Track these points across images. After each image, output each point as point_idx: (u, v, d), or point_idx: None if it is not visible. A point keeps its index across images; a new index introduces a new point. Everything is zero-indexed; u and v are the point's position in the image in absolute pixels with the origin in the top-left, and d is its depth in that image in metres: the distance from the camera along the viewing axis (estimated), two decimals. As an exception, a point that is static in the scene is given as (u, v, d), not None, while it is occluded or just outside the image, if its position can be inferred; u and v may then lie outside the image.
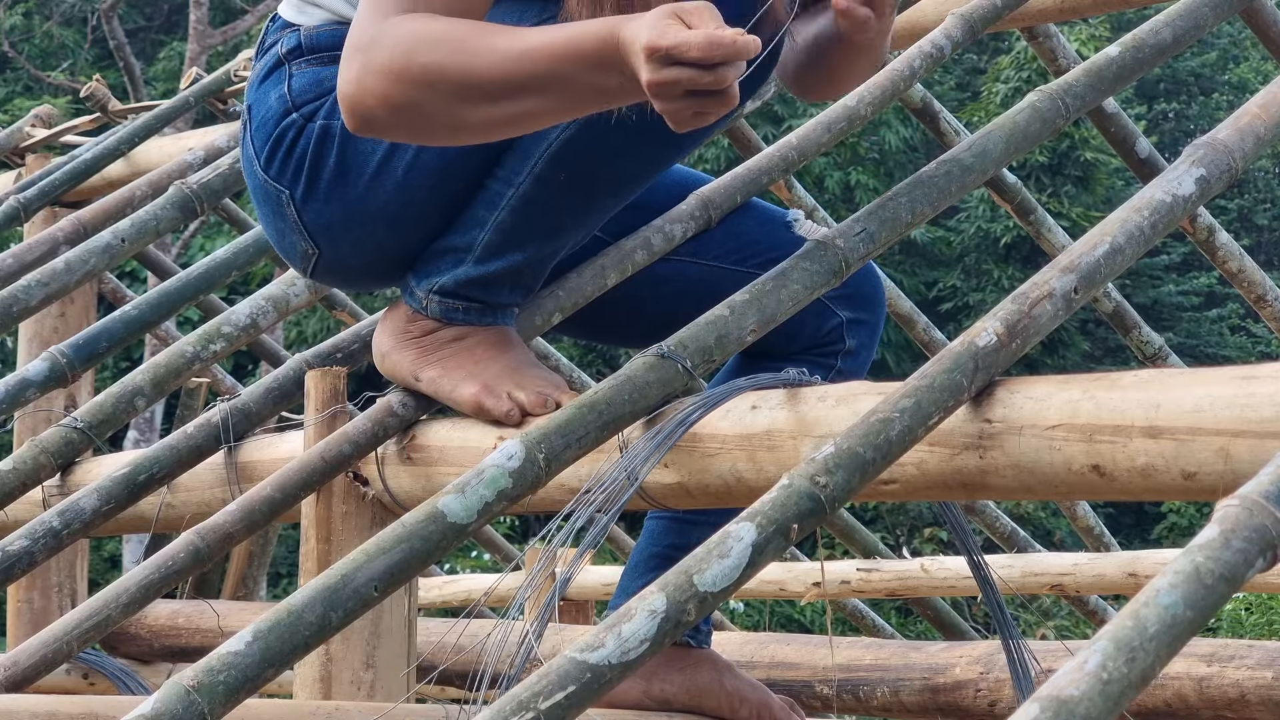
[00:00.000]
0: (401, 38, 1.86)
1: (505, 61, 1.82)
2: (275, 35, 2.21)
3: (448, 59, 1.83)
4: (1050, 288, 1.70)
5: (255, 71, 2.21)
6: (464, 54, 1.83)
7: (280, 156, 2.15)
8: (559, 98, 1.84)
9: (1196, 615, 1.10)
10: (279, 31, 2.21)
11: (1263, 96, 2.04)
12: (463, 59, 1.83)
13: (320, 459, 2.17)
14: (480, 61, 1.82)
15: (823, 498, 1.52)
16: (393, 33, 1.87)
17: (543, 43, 1.81)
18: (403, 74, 1.86)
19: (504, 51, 1.81)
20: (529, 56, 1.80)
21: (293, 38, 2.18)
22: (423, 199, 2.12)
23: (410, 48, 1.85)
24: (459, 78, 1.84)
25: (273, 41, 2.21)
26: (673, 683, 2.30)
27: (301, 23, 2.19)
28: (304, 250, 2.19)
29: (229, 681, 1.52)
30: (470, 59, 1.82)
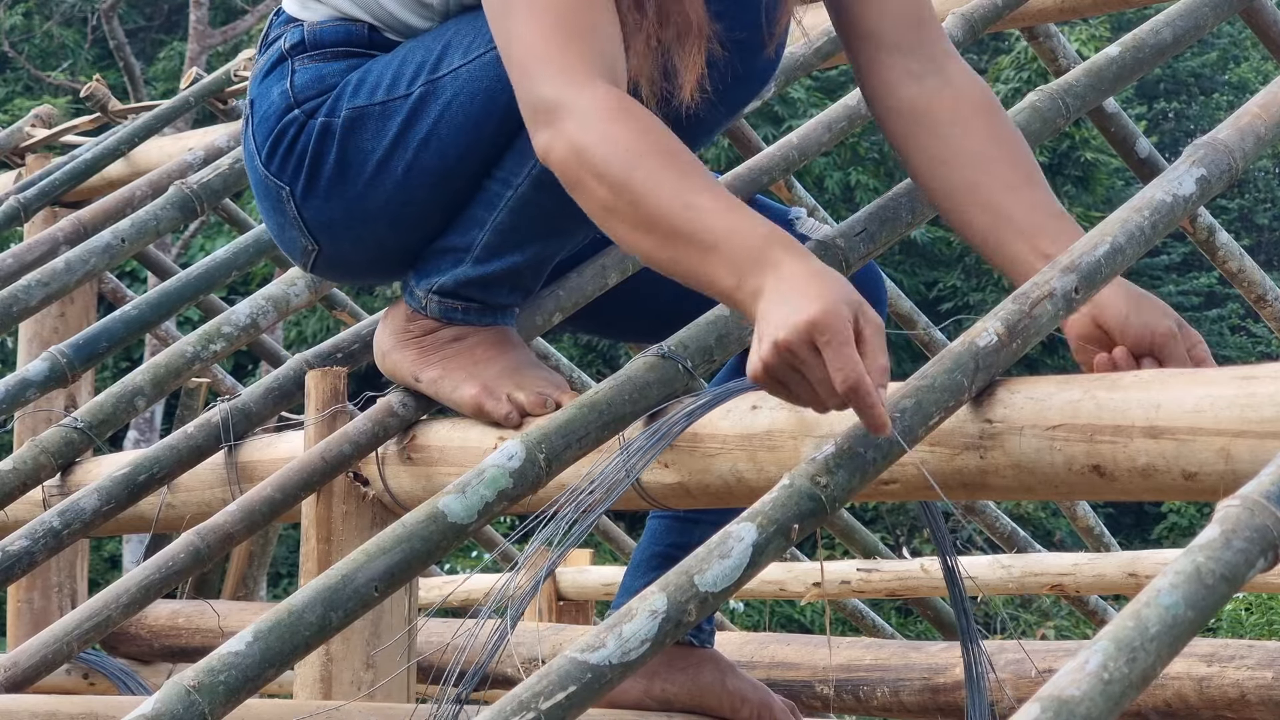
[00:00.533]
0: (610, 140, 1.77)
1: (671, 209, 1.73)
2: (279, 30, 2.21)
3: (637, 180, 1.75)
4: (1051, 288, 1.70)
5: (258, 66, 2.21)
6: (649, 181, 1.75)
7: (281, 152, 2.15)
8: (688, 263, 1.73)
9: (1197, 615, 1.10)
10: (283, 26, 2.21)
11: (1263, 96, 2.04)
12: (647, 186, 1.74)
13: (321, 459, 2.17)
14: (657, 197, 1.74)
15: (823, 498, 1.52)
16: (600, 125, 1.78)
17: (710, 208, 1.72)
18: (603, 174, 1.77)
19: (672, 195, 1.73)
20: (692, 210, 1.72)
21: (296, 33, 2.18)
22: (422, 199, 2.12)
23: (615, 157, 1.76)
24: (634, 201, 1.75)
25: (276, 36, 2.21)
26: (674, 682, 2.30)
27: (305, 18, 2.19)
28: (304, 246, 2.20)
29: (229, 682, 1.52)
30: (652, 188, 1.74)
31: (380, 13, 2.16)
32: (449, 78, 2.07)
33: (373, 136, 2.10)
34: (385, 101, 2.09)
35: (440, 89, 2.07)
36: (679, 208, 1.72)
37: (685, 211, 1.72)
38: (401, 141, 2.09)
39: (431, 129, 2.08)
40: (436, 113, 2.07)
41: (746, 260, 1.67)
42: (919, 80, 2.05)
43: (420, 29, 2.15)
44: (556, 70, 1.83)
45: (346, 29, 2.17)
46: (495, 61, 2.03)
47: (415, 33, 2.15)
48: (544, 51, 1.85)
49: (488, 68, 2.05)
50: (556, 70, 1.83)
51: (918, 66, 2.05)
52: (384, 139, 2.09)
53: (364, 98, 2.11)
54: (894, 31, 2.06)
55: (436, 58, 2.08)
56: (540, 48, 1.85)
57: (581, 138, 1.78)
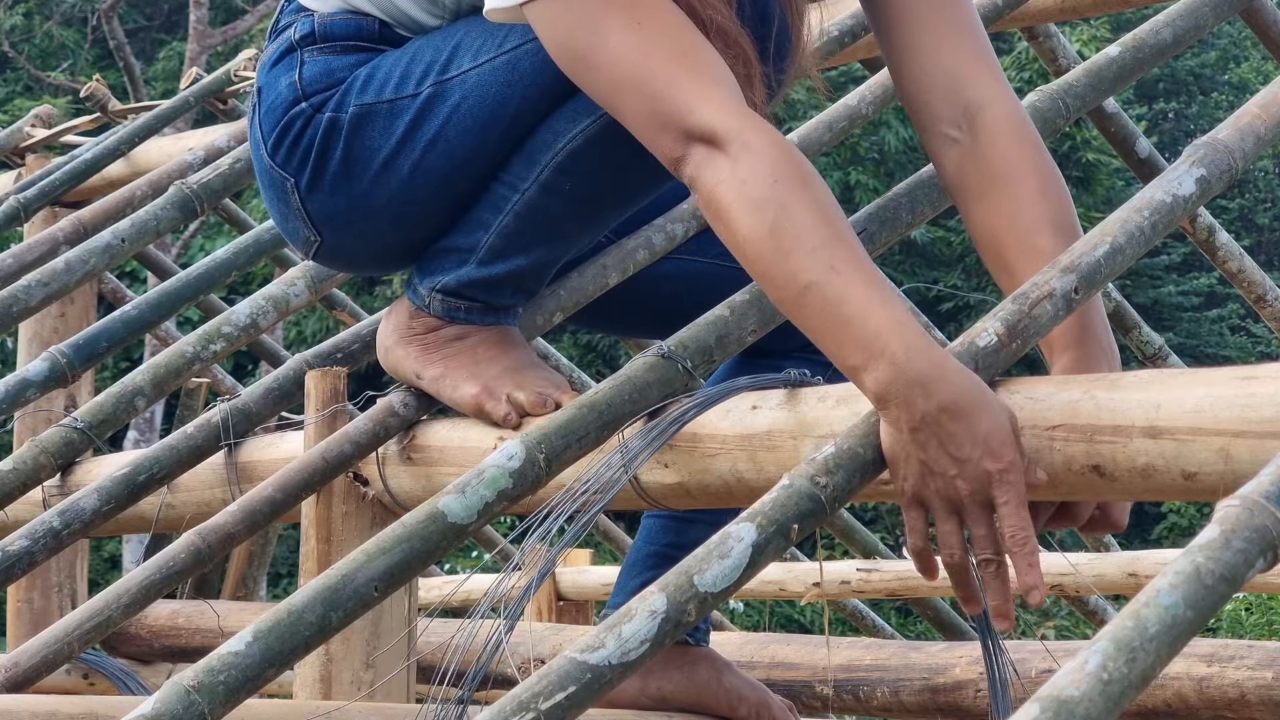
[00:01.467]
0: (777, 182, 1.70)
1: (816, 255, 1.66)
2: (289, 18, 2.20)
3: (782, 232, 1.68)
4: (1051, 288, 1.70)
5: (267, 53, 2.21)
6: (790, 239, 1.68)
7: (287, 144, 2.15)
8: (820, 323, 1.66)
9: (1197, 615, 1.10)
10: (293, 15, 2.20)
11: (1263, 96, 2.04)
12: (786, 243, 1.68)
13: (321, 459, 2.17)
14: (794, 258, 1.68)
15: (823, 498, 1.52)
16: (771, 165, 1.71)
17: (856, 269, 1.65)
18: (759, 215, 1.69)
19: (827, 241, 1.66)
20: (832, 270, 1.65)
21: (306, 23, 2.17)
22: (426, 198, 2.12)
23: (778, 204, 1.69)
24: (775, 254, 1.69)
25: (286, 24, 2.20)
26: (671, 680, 2.30)
27: (316, 9, 2.18)
28: (306, 236, 2.20)
29: (229, 682, 1.52)
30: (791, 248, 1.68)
31: (391, 9, 2.16)
32: (458, 80, 2.06)
33: (379, 134, 2.10)
34: (393, 100, 2.09)
35: (449, 90, 2.07)
36: (823, 263, 1.65)
37: (827, 271, 1.65)
38: (408, 141, 2.09)
39: (439, 130, 2.08)
40: (445, 114, 2.07)
41: (876, 344, 1.60)
42: (955, 145, 1.97)
43: (431, 26, 2.15)
44: (709, 97, 1.76)
45: (357, 23, 2.16)
46: (505, 66, 2.03)
47: (425, 29, 2.15)
48: (686, 79, 1.77)
49: (498, 72, 2.05)
50: (709, 97, 1.76)
51: (954, 131, 1.97)
52: (391, 137, 2.09)
53: (372, 95, 2.10)
54: (932, 101, 1.99)
55: (446, 58, 2.08)
56: (678, 75, 1.77)
57: (754, 174, 1.71)
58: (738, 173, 1.72)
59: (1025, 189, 1.91)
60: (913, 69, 2.00)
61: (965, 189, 1.96)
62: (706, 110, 1.75)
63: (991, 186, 1.93)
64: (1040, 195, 1.91)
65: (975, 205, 1.94)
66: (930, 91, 1.98)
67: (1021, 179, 1.92)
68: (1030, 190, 1.91)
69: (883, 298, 1.63)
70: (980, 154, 1.94)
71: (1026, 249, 1.88)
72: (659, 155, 1.80)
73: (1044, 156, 1.95)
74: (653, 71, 1.78)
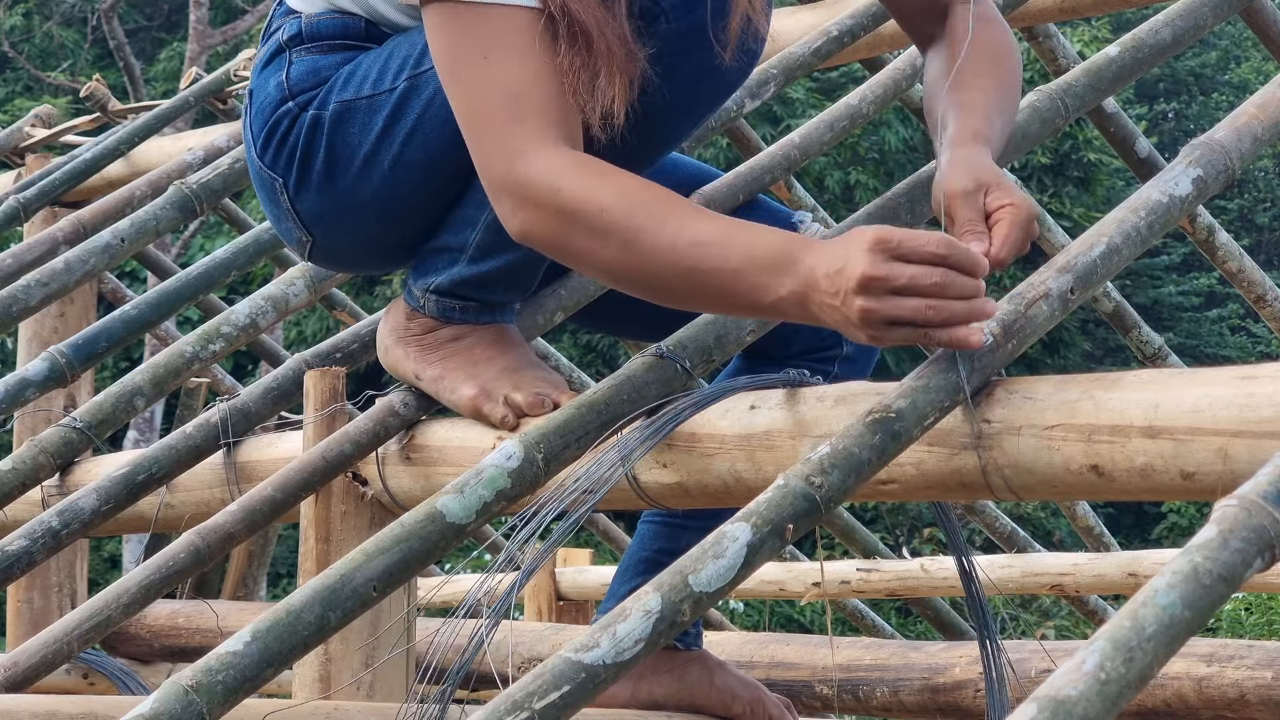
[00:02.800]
0: (594, 202, 1.79)
1: (674, 253, 1.75)
2: (279, 21, 2.22)
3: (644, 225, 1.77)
4: (1046, 288, 1.70)
5: (259, 56, 2.22)
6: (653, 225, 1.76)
7: (275, 144, 2.15)
8: (717, 293, 1.76)
9: (1195, 615, 1.10)
10: (283, 18, 2.21)
11: (1260, 97, 2.04)
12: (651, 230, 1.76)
13: (321, 459, 2.17)
14: (664, 236, 1.75)
15: (818, 498, 1.52)
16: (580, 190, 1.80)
17: (715, 235, 1.74)
18: (601, 233, 1.79)
19: (673, 239, 1.75)
20: (700, 245, 1.74)
21: (294, 25, 2.19)
22: (409, 192, 2.12)
23: (612, 206, 1.78)
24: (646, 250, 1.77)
25: (276, 27, 2.22)
26: (662, 684, 2.30)
27: (304, 10, 2.19)
28: (299, 237, 2.20)
29: (228, 681, 1.52)
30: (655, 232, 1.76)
31: (370, 9, 2.17)
32: (431, 72, 2.07)
33: (359, 130, 2.11)
34: (372, 96, 2.10)
35: (423, 84, 2.08)
36: (684, 246, 1.74)
37: (694, 249, 1.74)
38: (387, 135, 2.09)
39: (415, 123, 2.08)
40: (420, 107, 2.08)
41: (774, 268, 1.70)
42: (931, 37, 2.13)
43: (407, 27, 2.16)
44: (515, 149, 1.86)
45: (343, 22, 2.17)
46: None
47: (404, 30, 2.16)
48: (500, 130, 1.87)
49: None
50: (515, 149, 1.86)
51: (931, 25, 2.13)
52: (370, 133, 2.10)
53: (351, 91, 2.11)
54: (919, 11, 2.15)
55: (420, 52, 2.09)
56: (494, 127, 1.88)
57: (565, 206, 1.81)
58: (562, 212, 1.81)
59: (968, 64, 2.00)
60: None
61: (930, 75, 2.08)
62: (512, 165, 1.85)
63: (946, 64, 2.04)
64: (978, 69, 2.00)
65: (930, 85, 2.05)
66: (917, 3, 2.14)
67: (972, 55, 2.02)
68: (971, 65, 2.01)
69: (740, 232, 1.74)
70: (945, 35, 2.08)
71: (960, 100, 1.95)
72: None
73: (1002, 31, 2.08)
74: (482, 116, 1.89)
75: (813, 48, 3.00)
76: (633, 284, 1.84)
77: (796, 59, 2.97)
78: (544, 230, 1.84)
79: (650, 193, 1.81)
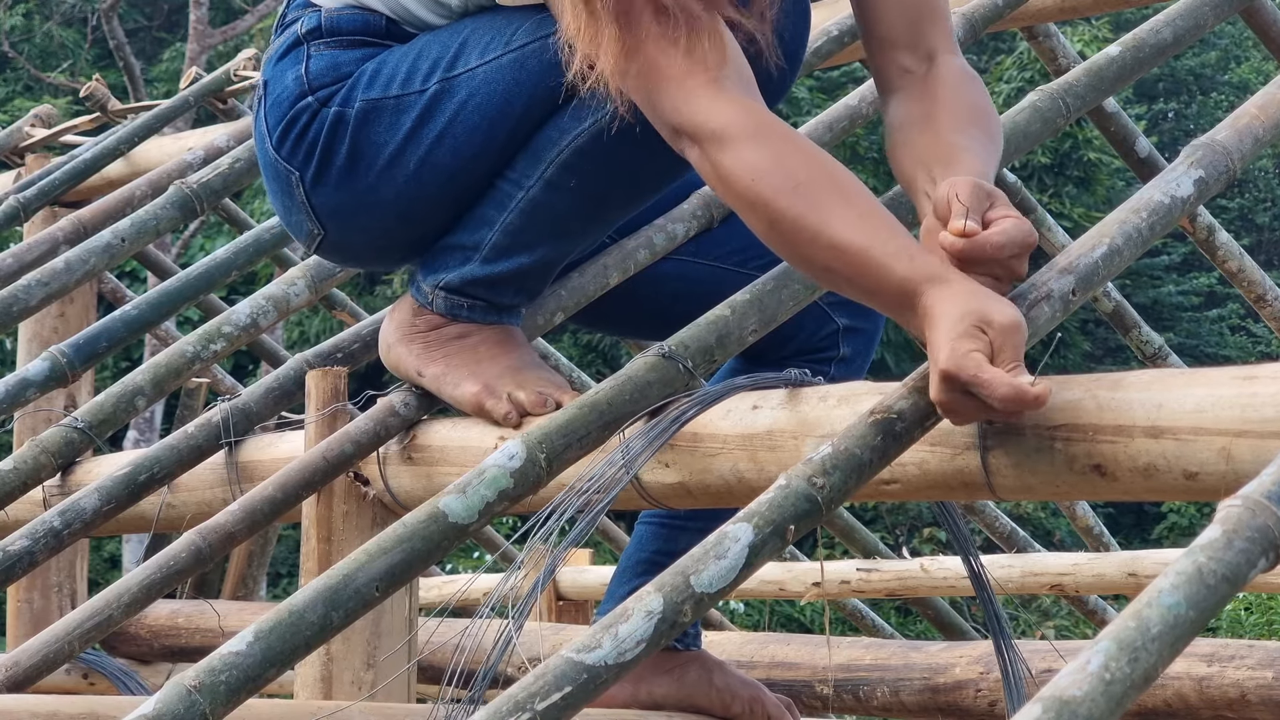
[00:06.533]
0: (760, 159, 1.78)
1: (815, 245, 1.74)
2: (296, 13, 2.20)
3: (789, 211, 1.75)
4: (1048, 289, 1.70)
5: (274, 47, 2.21)
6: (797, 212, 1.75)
7: (293, 138, 2.15)
8: (858, 296, 1.78)
9: (1199, 615, 1.10)
10: (300, 9, 2.20)
11: (1261, 97, 2.04)
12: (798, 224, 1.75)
13: (322, 459, 2.17)
14: (806, 227, 1.75)
15: (820, 498, 1.52)
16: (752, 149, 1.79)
17: (852, 246, 1.72)
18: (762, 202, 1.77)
19: (817, 231, 1.73)
20: (837, 251, 1.73)
21: (313, 18, 2.18)
22: (432, 194, 2.12)
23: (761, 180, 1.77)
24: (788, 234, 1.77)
25: (293, 19, 2.20)
26: (661, 685, 2.31)
27: (323, 3, 2.18)
28: (310, 230, 2.20)
29: (230, 681, 1.52)
30: (800, 225, 1.75)
31: (397, 6, 2.16)
32: (465, 77, 2.06)
33: (386, 130, 2.10)
34: (400, 96, 2.09)
35: (456, 87, 2.07)
36: (824, 244, 1.73)
37: (831, 252, 1.73)
38: (415, 137, 2.09)
39: (446, 127, 2.08)
40: (452, 111, 2.07)
41: (896, 302, 1.69)
42: (909, 74, 2.04)
43: (436, 25, 2.15)
44: (680, 94, 1.83)
45: (364, 18, 2.17)
46: (512, 64, 2.03)
47: (431, 28, 2.15)
48: (677, 70, 1.83)
49: (505, 70, 2.05)
50: (680, 94, 1.83)
51: (911, 63, 2.04)
52: (397, 133, 2.09)
53: (379, 90, 2.10)
54: (893, 30, 2.05)
55: (454, 55, 2.08)
56: (670, 66, 1.84)
57: (725, 170, 1.79)
58: (732, 170, 1.78)
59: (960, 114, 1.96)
60: (879, 12, 2.06)
61: (906, 100, 2.01)
62: (689, 107, 1.82)
63: (936, 87, 1.99)
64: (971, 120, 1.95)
65: (913, 127, 1.97)
66: (893, 30, 2.05)
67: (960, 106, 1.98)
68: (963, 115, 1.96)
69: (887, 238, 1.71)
70: (931, 82, 2.00)
71: (948, 144, 1.90)
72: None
73: (985, 92, 2.02)
74: (656, 66, 1.84)
75: (813, 47, 3.00)
76: (780, 253, 1.83)
77: (797, 59, 2.97)
78: (709, 179, 1.83)
79: (803, 168, 1.77)
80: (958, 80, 1.99)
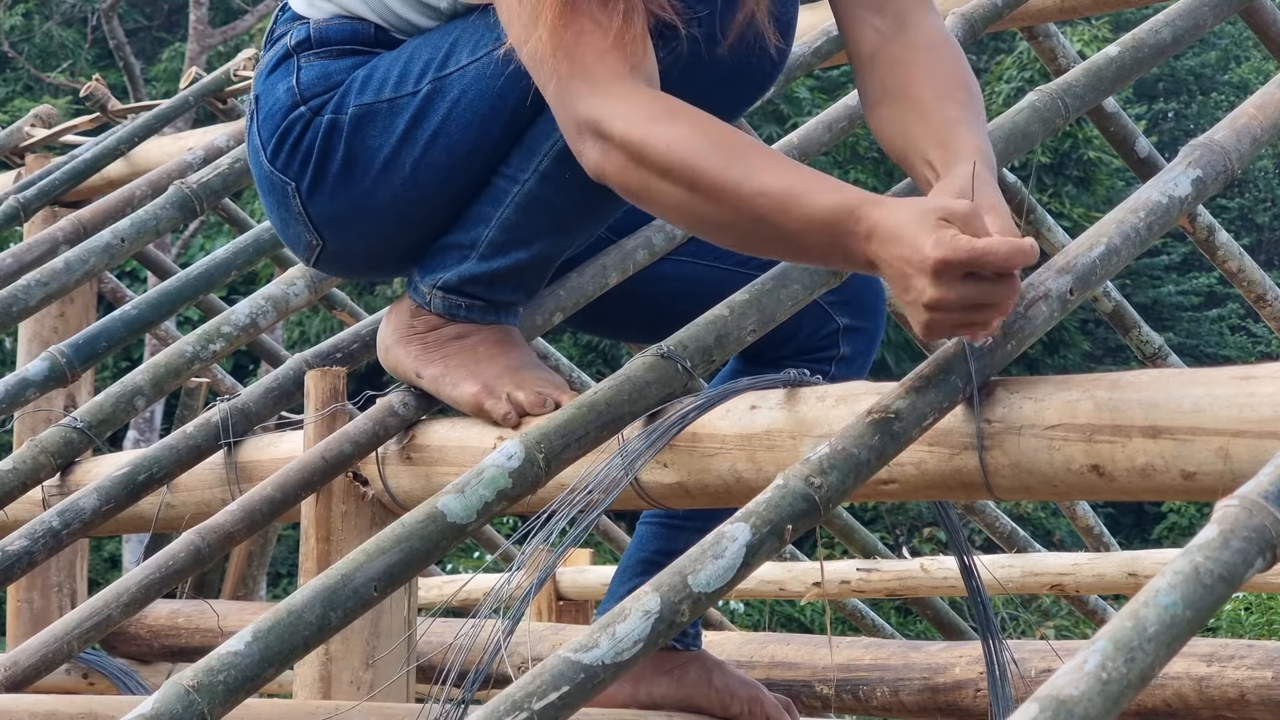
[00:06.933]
0: (666, 140, 1.78)
1: (739, 195, 1.74)
2: (285, 26, 2.21)
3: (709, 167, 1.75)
4: (1046, 288, 1.70)
5: (264, 62, 2.21)
6: (719, 167, 1.75)
7: (287, 148, 2.15)
8: (786, 246, 1.77)
9: (1196, 615, 1.10)
10: (289, 23, 2.21)
11: (1259, 97, 2.04)
12: (720, 177, 1.75)
13: (321, 458, 2.17)
14: (729, 179, 1.74)
15: (817, 498, 1.52)
16: (652, 127, 1.79)
17: (778, 185, 1.72)
18: (668, 173, 1.78)
19: (740, 180, 1.73)
20: (764, 196, 1.72)
21: (302, 30, 2.18)
22: (429, 195, 2.12)
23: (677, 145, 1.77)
24: (711, 192, 1.76)
25: (282, 33, 2.21)
26: (660, 685, 2.31)
27: (311, 16, 2.19)
28: (308, 241, 2.20)
29: (229, 681, 1.52)
30: (722, 178, 1.75)
31: (386, 13, 2.16)
32: (457, 75, 2.07)
33: (380, 133, 2.10)
34: (393, 99, 2.10)
35: (448, 86, 2.07)
36: (749, 193, 1.72)
37: (758, 199, 1.72)
38: (409, 138, 2.09)
39: (440, 126, 2.08)
40: (445, 110, 2.08)
41: (833, 227, 1.68)
42: (881, 34, 2.02)
43: (427, 29, 2.15)
44: (592, 84, 1.83)
45: (352, 27, 2.17)
46: (503, 59, 2.03)
47: (421, 32, 2.16)
48: (576, 66, 1.84)
49: (496, 65, 2.05)
50: (592, 84, 1.83)
51: (883, 24, 2.02)
52: (391, 136, 2.10)
53: (371, 95, 2.11)
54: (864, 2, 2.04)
55: (444, 55, 2.09)
56: (572, 63, 1.84)
57: (636, 145, 1.79)
58: (631, 151, 1.79)
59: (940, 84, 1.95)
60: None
61: (879, 61, 1.99)
62: (588, 102, 1.83)
63: (912, 53, 1.97)
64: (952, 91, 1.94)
65: (886, 71, 1.97)
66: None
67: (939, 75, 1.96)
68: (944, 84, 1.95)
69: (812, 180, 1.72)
70: (905, 47, 1.98)
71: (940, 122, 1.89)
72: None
73: (961, 62, 2.00)
74: (557, 62, 1.85)
75: (813, 47, 3.00)
76: (707, 229, 1.81)
77: (797, 58, 2.98)
78: (616, 168, 1.82)
79: (719, 134, 1.77)
80: (931, 44, 1.98)
